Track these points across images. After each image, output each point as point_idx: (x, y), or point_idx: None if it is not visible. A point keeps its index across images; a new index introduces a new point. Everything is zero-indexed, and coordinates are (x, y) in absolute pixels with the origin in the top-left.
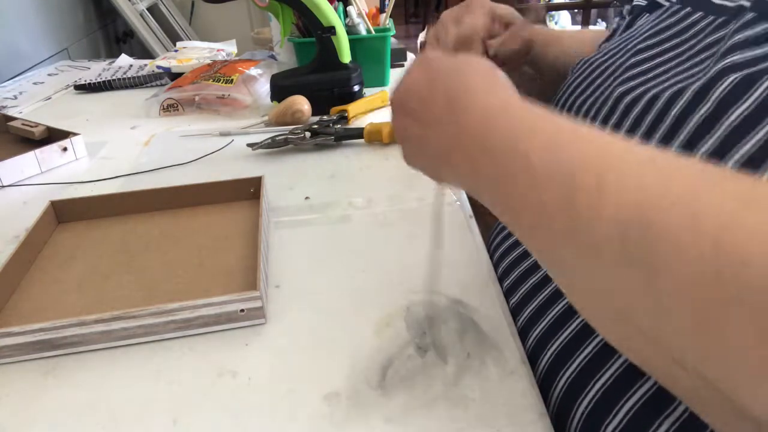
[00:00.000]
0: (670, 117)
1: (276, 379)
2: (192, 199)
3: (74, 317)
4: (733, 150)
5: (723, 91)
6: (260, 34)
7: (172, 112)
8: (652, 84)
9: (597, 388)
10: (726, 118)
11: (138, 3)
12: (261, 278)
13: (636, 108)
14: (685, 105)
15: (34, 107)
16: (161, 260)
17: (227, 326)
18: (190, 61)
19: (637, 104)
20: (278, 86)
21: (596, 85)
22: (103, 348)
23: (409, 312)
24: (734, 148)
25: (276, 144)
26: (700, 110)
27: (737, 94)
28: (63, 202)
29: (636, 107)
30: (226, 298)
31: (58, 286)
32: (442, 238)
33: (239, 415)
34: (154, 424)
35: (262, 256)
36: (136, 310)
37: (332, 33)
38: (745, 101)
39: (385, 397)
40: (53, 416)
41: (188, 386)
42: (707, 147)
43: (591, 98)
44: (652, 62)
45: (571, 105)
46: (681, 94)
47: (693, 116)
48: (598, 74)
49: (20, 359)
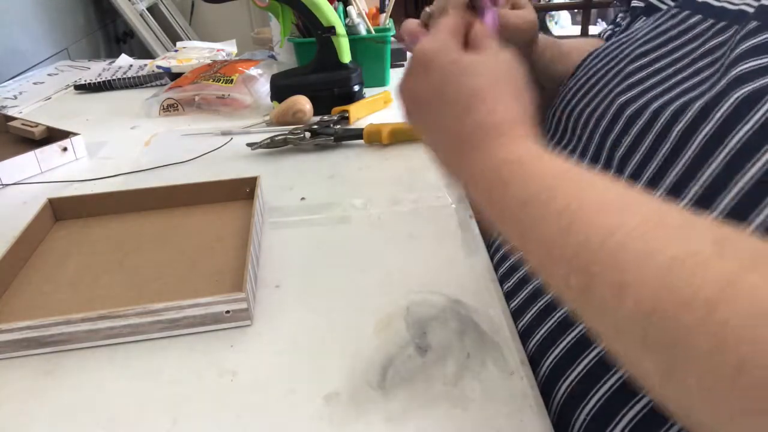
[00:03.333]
0: (674, 135)
1: (276, 379)
2: (188, 198)
3: (61, 315)
4: (739, 173)
5: (728, 109)
6: (260, 34)
7: (172, 112)
8: (654, 94)
9: (599, 396)
10: (731, 137)
11: (138, 3)
12: (248, 279)
13: (638, 122)
14: (689, 122)
15: (34, 107)
16: (154, 259)
17: (214, 327)
18: (190, 61)
19: (640, 118)
20: (278, 86)
21: (595, 92)
22: (102, 346)
23: (409, 312)
24: (741, 170)
25: (275, 144)
26: (704, 129)
27: (742, 111)
28: (60, 200)
29: (638, 121)
30: (211, 299)
31: (50, 284)
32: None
33: (239, 415)
34: (154, 424)
35: (251, 257)
36: (121, 310)
37: (332, 33)
38: (750, 120)
39: (385, 397)
40: (51, 416)
41: (188, 386)
42: (713, 169)
43: (590, 107)
44: (651, 68)
45: (570, 112)
46: (685, 111)
47: (697, 135)
48: (596, 81)
49: (10, 356)
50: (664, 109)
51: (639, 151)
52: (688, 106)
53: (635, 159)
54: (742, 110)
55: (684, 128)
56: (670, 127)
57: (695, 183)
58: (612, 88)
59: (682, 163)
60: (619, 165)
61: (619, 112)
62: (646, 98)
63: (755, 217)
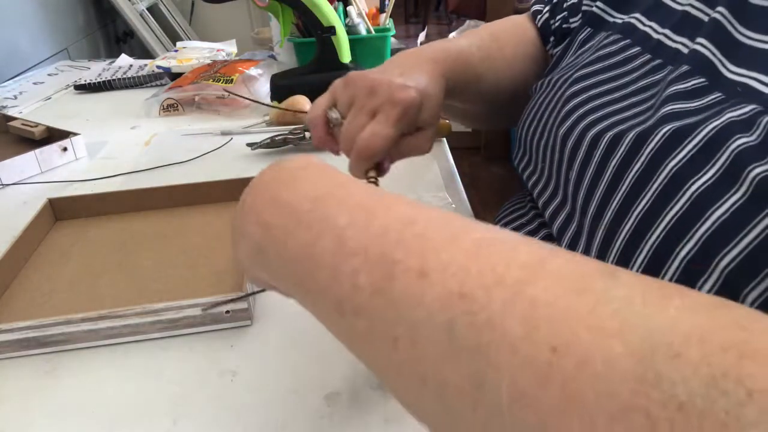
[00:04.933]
0: (611, 167)
1: (276, 379)
2: (188, 198)
3: (61, 316)
4: (665, 210)
5: (657, 143)
6: (260, 34)
7: (172, 112)
8: (589, 121)
9: None
10: (660, 172)
11: (138, 3)
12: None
13: (579, 151)
14: (624, 154)
15: (34, 107)
16: (154, 259)
17: (214, 327)
18: (190, 61)
19: (580, 147)
20: (278, 86)
21: (545, 120)
22: (102, 346)
23: None
24: (667, 206)
25: (275, 144)
26: (636, 162)
27: (671, 146)
28: (60, 199)
29: (579, 150)
30: (211, 299)
31: (50, 284)
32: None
33: (240, 415)
34: (154, 424)
35: None
36: (121, 310)
37: (332, 33)
38: (677, 155)
39: (385, 397)
40: (51, 416)
41: (188, 386)
42: (645, 203)
43: (542, 135)
44: (587, 94)
45: (528, 137)
46: (620, 141)
47: (631, 168)
48: (544, 108)
49: (10, 356)
50: (601, 137)
51: (584, 179)
52: (623, 136)
53: (582, 187)
54: (671, 144)
55: (620, 160)
56: (609, 157)
57: (632, 213)
58: (555, 117)
59: (619, 196)
60: (573, 192)
61: (563, 142)
62: (582, 125)
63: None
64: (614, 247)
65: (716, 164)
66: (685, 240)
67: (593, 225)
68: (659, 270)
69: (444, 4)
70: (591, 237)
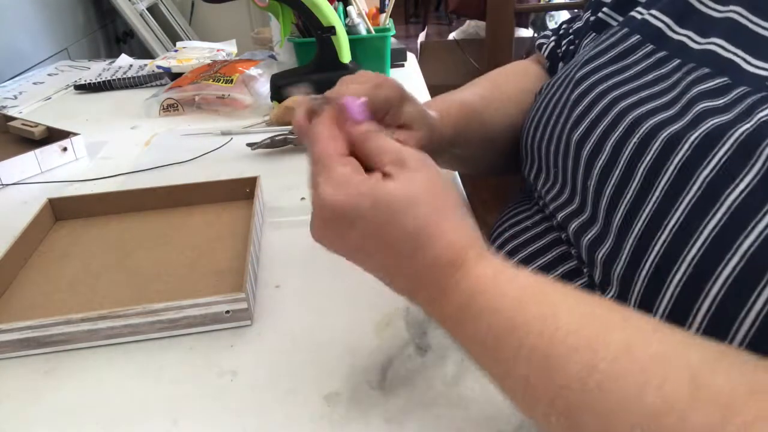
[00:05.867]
0: (644, 165)
1: (276, 380)
2: (188, 198)
3: (61, 315)
4: (702, 224)
5: (686, 151)
6: (260, 34)
7: (172, 112)
8: (607, 101)
9: None
10: (693, 182)
11: (138, 3)
12: (248, 279)
13: (600, 159)
14: (658, 152)
15: (34, 107)
16: (154, 259)
17: (214, 327)
18: (190, 61)
19: (601, 154)
20: (278, 86)
21: (551, 126)
22: (102, 346)
23: (409, 312)
24: (704, 220)
25: (275, 144)
26: (675, 158)
27: (702, 154)
28: (60, 199)
29: (600, 157)
30: (211, 299)
31: (50, 284)
32: None
33: (240, 415)
34: (154, 424)
35: (251, 257)
36: (121, 310)
37: (332, 33)
38: (708, 163)
39: (385, 397)
40: (51, 416)
41: (188, 386)
42: (691, 195)
43: (551, 142)
44: (592, 93)
45: (535, 145)
46: (649, 144)
47: (669, 165)
48: (549, 113)
49: (10, 356)
50: (618, 123)
51: (609, 182)
52: (651, 141)
53: (605, 195)
54: (702, 151)
55: (653, 158)
56: (641, 158)
57: (676, 210)
58: (564, 122)
59: (659, 191)
60: (594, 196)
61: (577, 151)
62: (597, 132)
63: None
64: (647, 261)
65: (753, 170)
66: (728, 255)
67: (620, 236)
68: (700, 290)
69: (444, 4)
70: (618, 248)
